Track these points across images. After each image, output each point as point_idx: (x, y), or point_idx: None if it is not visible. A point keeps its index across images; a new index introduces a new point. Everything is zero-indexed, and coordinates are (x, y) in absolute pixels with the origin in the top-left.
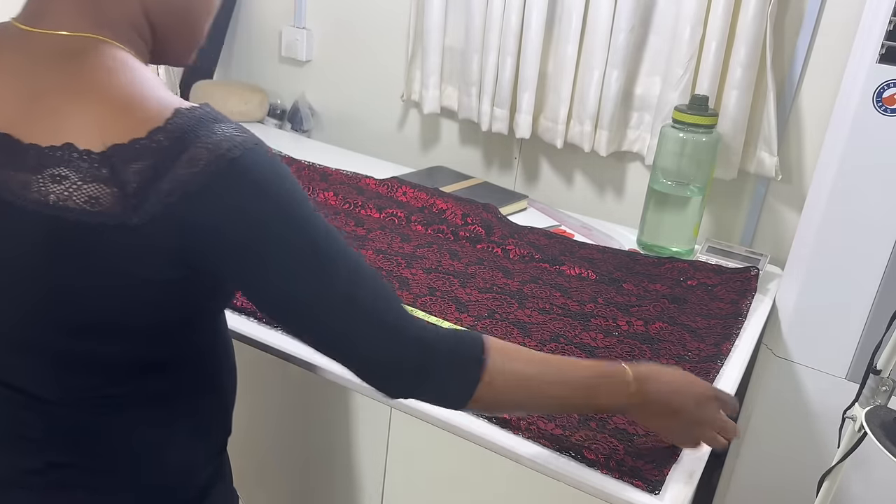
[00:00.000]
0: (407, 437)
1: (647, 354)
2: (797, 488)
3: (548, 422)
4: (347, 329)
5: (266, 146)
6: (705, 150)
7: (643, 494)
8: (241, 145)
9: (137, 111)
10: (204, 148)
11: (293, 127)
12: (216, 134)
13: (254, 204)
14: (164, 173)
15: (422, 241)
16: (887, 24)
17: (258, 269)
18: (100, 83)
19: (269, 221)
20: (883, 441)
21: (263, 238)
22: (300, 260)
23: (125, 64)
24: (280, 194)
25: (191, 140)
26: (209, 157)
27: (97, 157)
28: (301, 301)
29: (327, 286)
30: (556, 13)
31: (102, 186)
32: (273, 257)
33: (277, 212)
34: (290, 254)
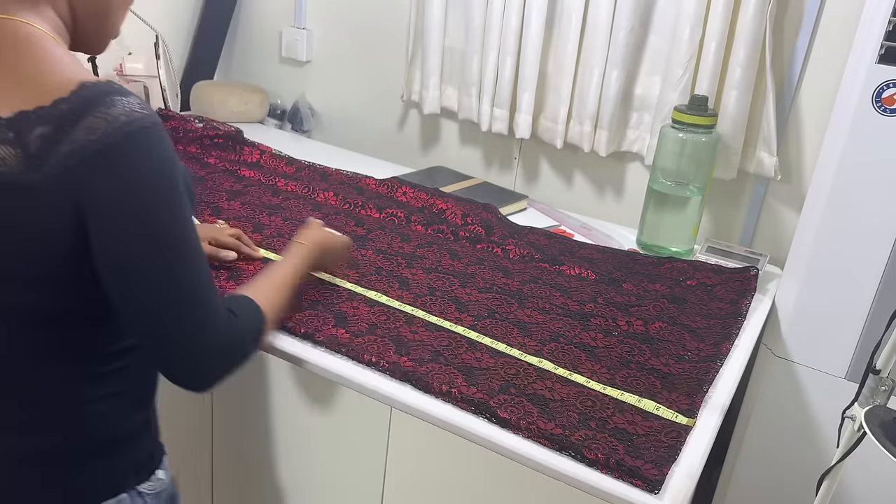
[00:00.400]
0: (407, 437)
1: (647, 354)
2: (796, 488)
3: (548, 421)
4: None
5: (161, 128)
6: (705, 150)
7: (643, 494)
8: (137, 121)
9: (45, 83)
10: (103, 118)
11: (293, 127)
12: (115, 106)
13: (137, 179)
14: (64, 138)
15: (422, 241)
16: (886, 25)
17: (112, 238)
18: (15, 58)
19: (141, 200)
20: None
21: (130, 211)
22: (149, 243)
23: (40, 42)
24: (159, 179)
25: (91, 110)
26: (106, 128)
27: (5, 122)
28: (132, 281)
29: (157, 276)
30: (556, 13)
31: (8, 148)
32: (130, 232)
33: (151, 194)
34: (145, 234)
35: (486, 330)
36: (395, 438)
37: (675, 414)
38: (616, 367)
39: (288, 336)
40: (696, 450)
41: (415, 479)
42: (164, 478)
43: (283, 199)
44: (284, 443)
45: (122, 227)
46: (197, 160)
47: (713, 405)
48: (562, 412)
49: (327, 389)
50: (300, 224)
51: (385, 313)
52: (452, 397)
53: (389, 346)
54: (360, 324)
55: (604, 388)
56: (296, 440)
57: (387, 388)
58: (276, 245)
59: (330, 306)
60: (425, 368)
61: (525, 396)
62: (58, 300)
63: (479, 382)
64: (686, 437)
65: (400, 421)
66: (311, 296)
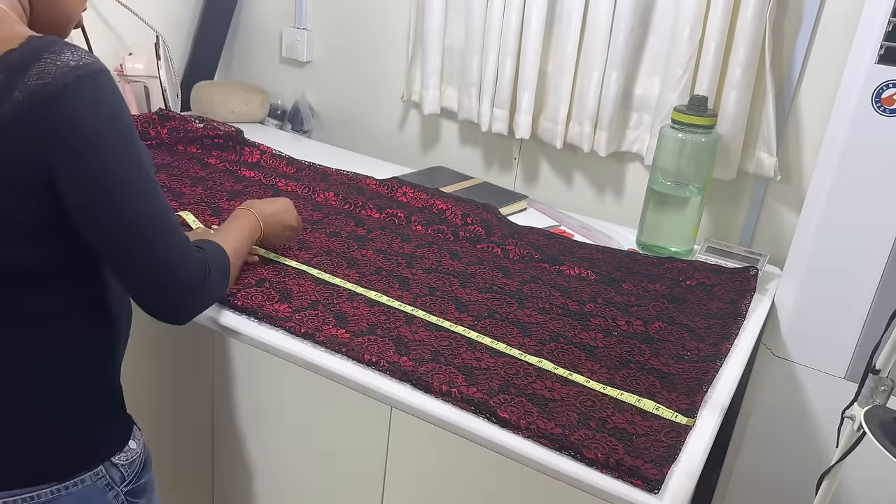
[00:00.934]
0: (407, 437)
1: (647, 354)
2: (796, 487)
3: (547, 421)
4: (128, 252)
5: (110, 76)
6: (704, 150)
7: (642, 494)
8: (86, 66)
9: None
10: (52, 64)
11: (294, 127)
12: (64, 53)
13: (91, 119)
14: (15, 84)
15: (422, 241)
16: (886, 25)
17: (76, 176)
18: None
19: (97, 139)
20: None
21: (87, 151)
22: (104, 182)
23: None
24: (112, 118)
25: (38, 57)
26: (56, 72)
27: None
28: (95, 220)
29: (120, 212)
30: (556, 14)
31: None
32: (90, 170)
33: (106, 132)
34: (103, 173)
35: (486, 330)
36: (395, 438)
37: (674, 414)
38: (616, 367)
39: (288, 336)
40: (696, 450)
41: (415, 479)
42: (135, 447)
43: None
44: (284, 443)
45: (77, 169)
46: (197, 160)
47: (713, 405)
48: (561, 412)
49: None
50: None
51: (385, 313)
52: (452, 397)
53: (389, 345)
54: (360, 324)
55: (603, 387)
56: (296, 440)
57: (387, 388)
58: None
59: (330, 306)
60: (425, 368)
61: (525, 396)
62: (20, 255)
63: (479, 382)
64: (686, 437)
65: (400, 421)
66: (312, 295)
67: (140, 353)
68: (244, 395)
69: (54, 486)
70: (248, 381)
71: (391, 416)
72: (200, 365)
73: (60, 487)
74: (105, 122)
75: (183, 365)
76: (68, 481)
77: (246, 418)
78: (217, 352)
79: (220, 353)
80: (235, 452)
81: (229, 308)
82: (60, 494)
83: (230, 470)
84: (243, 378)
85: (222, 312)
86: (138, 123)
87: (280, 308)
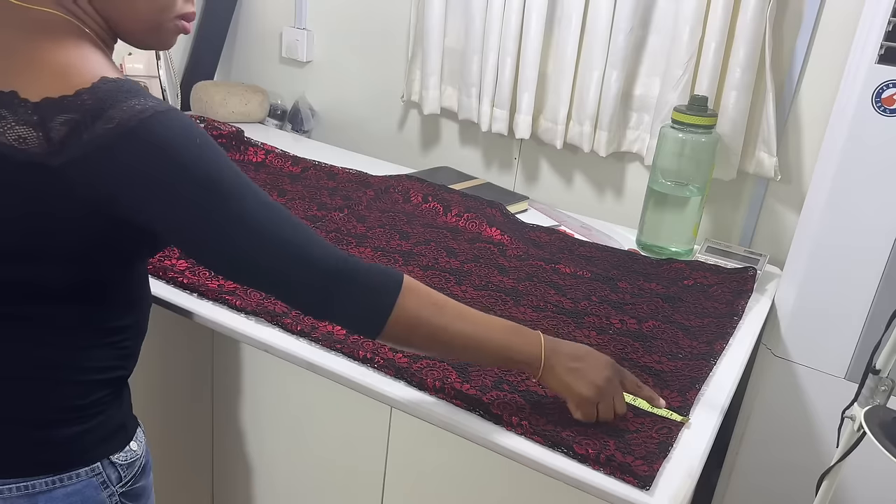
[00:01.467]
0: (407, 437)
1: (640, 352)
2: (796, 488)
3: (539, 417)
4: (251, 260)
5: (178, 112)
6: (704, 150)
7: (634, 490)
8: (151, 108)
9: (71, 75)
10: (120, 110)
11: (294, 127)
12: (132, 100)
13: (157, 161)
14: (85, 127)
15: (419, 238)
16: (886, 25)
17: (168, 216)
18: (46, 49)
19: (172, 177)
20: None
21: (169, 189)
22: (205, 209)
23: (71, 36)
24: (183, 152)
25: (111, 103)
26: (122, 117)
27: (31, 106)
28: (202, 240)
29: (231, 226)
30: (556, 14)
31: (31, 130)
32: (177, 208)
33: (180, 168)
34: (193, 204)
35: None
36: (395, 438)
37: (668, 411)
38: None
39: (284, 333)
40: (696, 450)
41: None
42: (136, 449)
43: (289, 199)
44: (284, 442)
45: (165, 197)
46: None
47: (713, 405)
48: (554, 409)
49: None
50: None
51: None
52: (446, 393)
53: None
54: None
55: None
56: (296, 440)
57: (387, 388)
58: None
59: None
60: (419, 365)
61: (518, 393)
62: (65, 277)
63: (473, 379)
64: (678, 434)
65: (400, 421)
66: None
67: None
68: (244, 394)
69: (49, 478)
70: (247, 380)
71: (391, 416)
72: (200, 364)
73: (55, 479)
74: (179, 146)
75: (183, 364)
76: (63, 474)
77: (246, 418)
78: (217, 351)
79: (220, 352)
80: (235, 452)
81: (228, 307)
82: (55, 486)
83: (230, 469)
84: (243, 377)
85: (220, 311)
86: None
87: (277, 305)
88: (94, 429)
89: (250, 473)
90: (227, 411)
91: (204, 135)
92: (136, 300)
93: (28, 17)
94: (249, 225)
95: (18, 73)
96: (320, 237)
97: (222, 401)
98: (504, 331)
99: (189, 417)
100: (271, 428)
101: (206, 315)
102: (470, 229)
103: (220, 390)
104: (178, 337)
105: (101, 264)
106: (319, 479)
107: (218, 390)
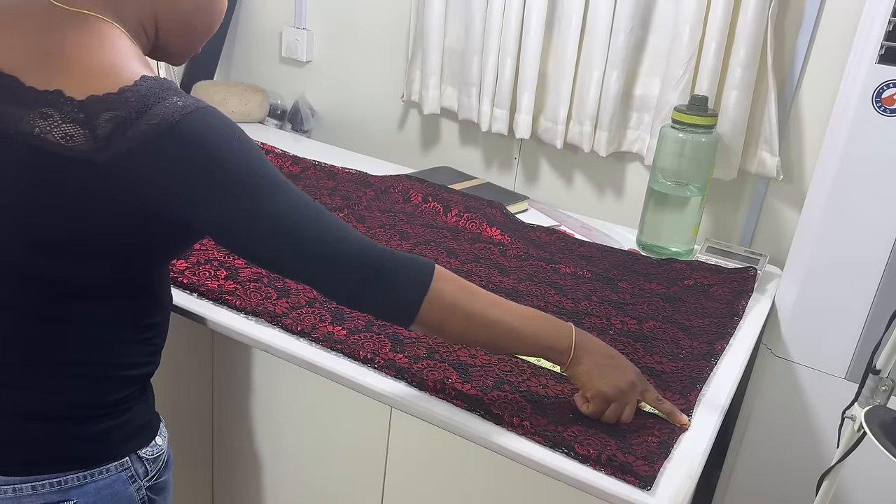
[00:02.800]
0: (407, 437)
1: (641, 352)
2: (796, 488)
3: (541, 418)
4: (284, 256)
5: (218, 111)
6: (705, 150)
7: (636, 490)
8: (192, 104)
9: (114, 75)
10: (163, 106)
11: (293, 127)
12: (174, 97)
13: (197, 154)
14: (129, 124)
15: (420, 238)
16: (887, 25)
17: (203, 208)
18: (91, 50)
19: (211, 170)
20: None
21: (207, 184)
22: (240, 205)
23: (115, 40)
24: (222, 148)
25: (154, 100)
26: (165, 113)
27: (77, 104)
28: (234, 233)
29: (264, 223)
30: (556, 14)
31: (77, 127)
32: (212, 200)
33: (219, 163)
34: (229, 199)
35: None
36: (395, 438)
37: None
38: None
39: (284, 333)
40: (696, 450)
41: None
42: (161, 444)
43: None
44: (284, 442)
45: (204, 192)
46: None
47: (713, 405)
48: (555, 409)
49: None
50: None
51: None
52: (447, 394)
53: (385, 342)
54: (356, 321)
55: None
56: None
57: (387, 389)
58: None
59: (327, 304)
60: (420, 365)
61: (519, 393)
62: (103, 273)
63: (474, 379)
64: (679, 434)
65: (400, 421)
66: (309, 293)
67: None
68: (243, 394)
69: (81, 473)
70: (247, 380)
71: (391, 416)
72: (200, 364)
73: (87, 475)
74: (219, 142)
75: (183, 364)
76: (94, 469)
77: (246, 418)
78: (217, 351)
79: (220, 352)
80: (235, 452)
81: (228, 307)
82: (87, 482)
83: (230, 469)
84: (243, 377)
85: (220, 311)
86: None
87: (277, 305)
88: (123, 424)
89: (250, 473)
90: (227, 411)
91: (241, 131)
92: (165, 297)
93: (68, 18)
94: (278, 222)
95: (62, 72)
96: (354, 232)
97: (222, 401)
98: (536, 318)
99: (189, 417)
100: (271, 428)
101: (206, 315)
102: (470, 229)
103: (220, 390)
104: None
105: (138, 260)
106: (320, 479)
107: (218, 390)
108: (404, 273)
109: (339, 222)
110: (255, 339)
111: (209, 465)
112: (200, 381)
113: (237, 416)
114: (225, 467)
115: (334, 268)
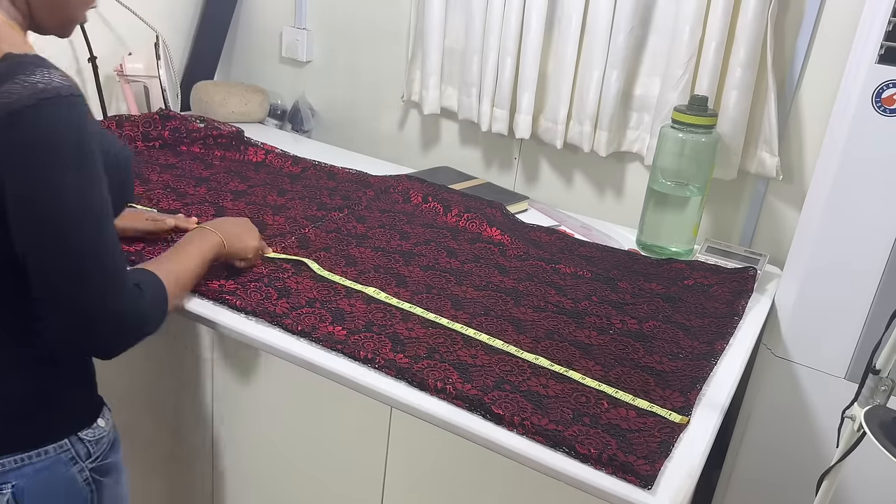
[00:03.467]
0: (407, 437)
1: (641, 352)
2: (796, 487)
3: (542, 417)
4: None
5: (81, 100)
6: (705, 150)
7: (636, 490)
8: (54, 89)
9: None
10: (20, 84)
11: (293, 127)
12: (35, 75)
13: (39, 142)
14: None
15: (420, 238)
16: (886, 25)
17: (14, 197)
18: None
19: (42, 162)
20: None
21: (31, 172)
22: (46, 207)
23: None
24: (63, 143)
25: (11, 77)
26: (21, 92)
27: None
28: (30, 243)
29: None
30: (556, 14)
31: None
32: (28, 193)
33: (53, 156)
34: (42, 197)
35: (482, 327)
36: (395, 438)
37: (668, 412)
38: (610, 365)
39: (284, 333)
40: (696, 450)
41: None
42: (103, 426)
43: (289, 199)
44: (284, 442)
45: (21, 188)
46: (201, 160)
47: (713, 405)
48: (556, 408)
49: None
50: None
51: (381, 310)
52: (447, 394)
53: (385, 342)
54: (356, 321)
55: (598, 384)
56: (296, 440)
57: (388, 389)
58: (276, 243)
59: (327, 304)
60: (420, 365)
61: (519, 393)
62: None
63: (474, 379)
64: (679, 434)
65: (400, 421)
66: (309, 293)
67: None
68: (244, 394)
69: (18, 456)
70: (247, 380)
71: (391, 416)
72: (200, 364)
73: (24, 457)
74: (55, 146)
75: (183, 364)
76: (31, 452)
77: (246, 418)
78: (217, 351)
79: (220, 352)
80: (235, 452)
81: (228, 307)
82: (24, 464)
83: (230, 469)
84: (243, 377)
85: (220, 311)
86: (139, 124)
87: (278, 305)
88: (63, 406)
89: (250, 473)
90: (227, 411)
91: (86, 141)
92: None
93: None
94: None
95: None
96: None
97: (222, 401)
98: (190, 250)
99: (189, 417)
100: (271, 428)
101: (206, 315)
102: (470, 229)
103: (220, 390)
104: (179, 336)
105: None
106: (320, 478)
107: (218, 390)
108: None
109: (121, 275)
110: (256, 339)
111: (209, 464)
112: (200, 381)
113: (237, 416)
114: (225, 467)
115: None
